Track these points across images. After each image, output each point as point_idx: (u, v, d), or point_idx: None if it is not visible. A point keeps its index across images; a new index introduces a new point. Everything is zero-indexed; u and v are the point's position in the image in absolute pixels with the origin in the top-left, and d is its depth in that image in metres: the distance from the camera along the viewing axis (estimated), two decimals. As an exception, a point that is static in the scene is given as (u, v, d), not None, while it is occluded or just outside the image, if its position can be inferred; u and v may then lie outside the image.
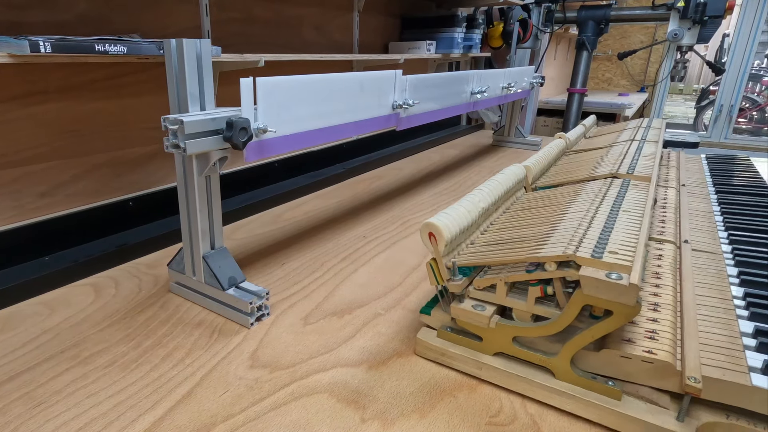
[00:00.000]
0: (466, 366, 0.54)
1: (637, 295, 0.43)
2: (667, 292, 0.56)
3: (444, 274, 0.53)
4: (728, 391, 0.43)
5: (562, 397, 0.49)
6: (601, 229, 0.53)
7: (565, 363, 0.48)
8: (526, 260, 0.50)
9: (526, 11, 2.00)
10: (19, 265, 0.74)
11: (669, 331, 0.49)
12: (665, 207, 0.87)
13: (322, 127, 0.70)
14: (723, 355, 0.46)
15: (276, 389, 0.51)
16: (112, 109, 0.87)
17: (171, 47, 0.56)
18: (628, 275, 0.43)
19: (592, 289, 0.44)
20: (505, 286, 0.51)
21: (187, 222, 0.64)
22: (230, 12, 1.06)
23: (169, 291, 0.71)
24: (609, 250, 0.47)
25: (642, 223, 0.56)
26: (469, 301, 0.54)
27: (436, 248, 0.53)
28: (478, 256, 0.55)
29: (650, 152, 0.95)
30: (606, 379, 0.47)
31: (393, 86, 0.84)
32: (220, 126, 0.57)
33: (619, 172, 0.80)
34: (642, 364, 0.46)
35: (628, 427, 0.45)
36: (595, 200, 0.65)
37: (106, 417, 0.47)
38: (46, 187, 0.80)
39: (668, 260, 0.64)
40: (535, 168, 0.81)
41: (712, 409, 0.45)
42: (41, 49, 0.62)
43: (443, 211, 0.56)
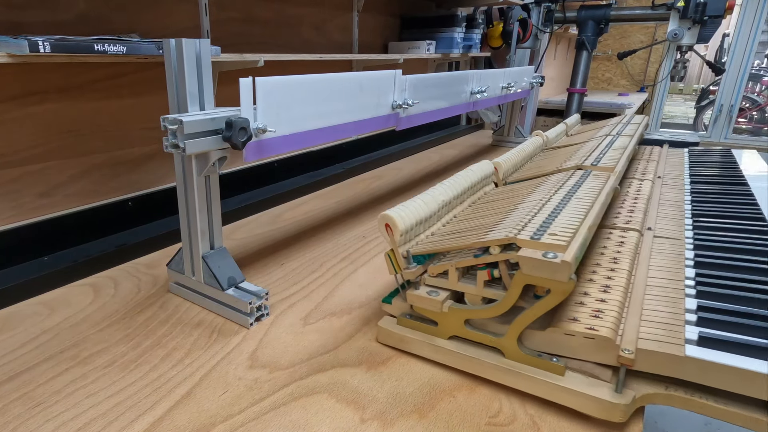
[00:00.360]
0: (423, 350, 0.56)
1: (570, 272, 0.45)
2: (621, 275, 0.59)
3: (401, 263, 0.56)
4: (663, 363, 0.45)
5: (510, 375, 0.51)
6: (548, 214, 0.56)
7: (513, 342, 0.51)
8: (472, 245, 0.52)
9: (525, 11, 2.00)
10: (19, 265, 0.73)
11: (615, 310, 0.51)
12: (637, 198, 0.90)
13: (321, 127, 0.70)
14: (664, 330, 0.49)
15: (275, 389, 0.51)
16: (111, 109, 0.87)
17: (170, 47, 0.56)
18: (563, 254, 0.45)
19: (530, 268, 0.46)
20: (457, 272, 0.53)
21: (186, 222, 0.64)
22: (229, 12, 1.06)
23: (169, 291, 0.71)
24: (549, 232, 0.50)
25: (591, 208, 0.58)
26: (425, 287, 0.56)
27: (392, 238, 0.55)
28: (431, 245, 0.57)
29: (621, 146, 0.97)
30: (551, 356, 0.50)
31: (392, 86, 0.84)
32: (219, 126, 0.56)
33: (584, 164, 0.82)
34: (584, 341, 0.48)
35: (570, 400, 0.47)
36: (552, 190, 0.67)
37: (106, 417, 0.47)
38: (45, 187, 0.80)
39: (629, 246, 0.67)
40: (505, 164, 0.84)
41: (652, 382, 0.47)
42: (40, 48, 0.62)
43: (402, 203, 0.58)
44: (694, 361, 0.44)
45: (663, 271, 0.62)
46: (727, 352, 0.45)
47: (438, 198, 0.63)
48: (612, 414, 0.45)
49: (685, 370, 0.45)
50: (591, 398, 0.46)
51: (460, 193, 0.69)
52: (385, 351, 0.58)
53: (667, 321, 0.50)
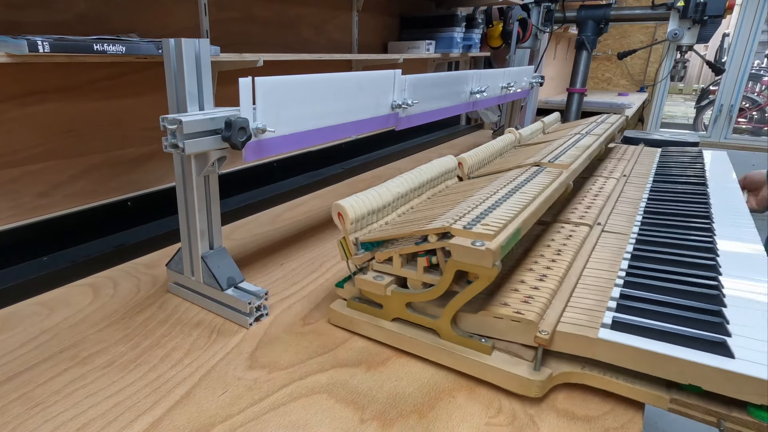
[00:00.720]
0: (369, 331, 0.60)
1: (495, 259, 0.48)
2: (561, 266, 0.64)
3: (351, 250, 0.60)
4: (579, 344, 0.49)
5: (442, 354, 0.55)
6: (488, 206, 0.60)
7: (447, 324, 0.55)
8: (413, 234, 0.56)
9: (525, 11, 2.00)
10: (18, 265, 0.73)
11: (545, 297, 0.56)
12: (598, 195, 0.94)
13: (321, 126, 0.70)
14: (585, 315, 0.52)
15: (275, 390, 0.51)
16: (110, 108, 0.87)
17: (170, 47, 0.56)
18: (489, 243, 0.49)
19: (460, 255, 0.50)
20: (401, 259, 0.57)
21: (185, 222, 0.64)
22: (229, 11, 1.06)
23: (168, 291, 0.70)
24: (482, 223, 0.53)
25: (530, 202, 0.62)
26: (372, 273, 0.60)
27: (344, 226, 0.59)
28: (379, 233, 0.61)
29: (584, 144, 1.00)
30: (481, 337, 0.54)
31: (392, 86, 0.84)
32: (218, 126, 0.56)
33: (541, 161, 0.85)
34: (511, 323, 0.52)
35: (494, 377, 0.52)
36: (503, 184, 0.71)
37: (105, 417, 0.47)
38: (45, 187, 0.80)
39: (577, 240, 0.72)
40: (471, 159, 0.87)
41: (571, 362, 0.52)
42: (39, 48, 0.62)
43: (357, 194, 0.62)
44: (605, 343, 0.48)
45: (602, 263, 0.66)
46: (635, 335, 0.48)
47: (393, 190, 0.67)
48: (529, 389, 0.49)
49: (597, 351, 0.49)
50: (511, 375, 0.50)
51: (417, 186, 0.72)
52: (385, 351, 0.58)
53: (590, 307, 0.54)
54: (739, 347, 0.46)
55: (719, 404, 0.45)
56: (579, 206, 0.88)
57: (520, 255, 0.68)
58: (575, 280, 0.61)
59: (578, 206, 0.88)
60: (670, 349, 0.46)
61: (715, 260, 0.64)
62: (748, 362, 0.43)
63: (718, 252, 0.68)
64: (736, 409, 0.44)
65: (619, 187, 1.00)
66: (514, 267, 0.64)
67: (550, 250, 0.69)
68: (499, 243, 0.49)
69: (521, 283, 0.59)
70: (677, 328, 0.48)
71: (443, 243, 0.52)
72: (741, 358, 0.44)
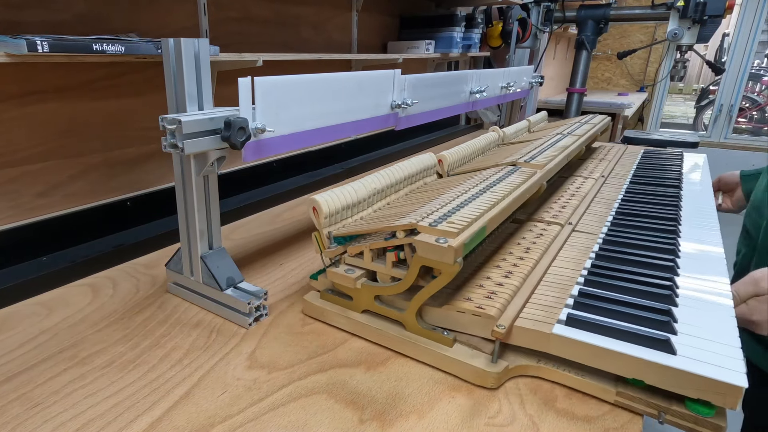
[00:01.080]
0: (339, 322, 0.62)
1: (456, 256, 0.50)
2: (528, 263, 0.66)
3: (325, 243, 0.62)
4: (534, 339, 0.52)
5: (408, 346, 0.57)
6: (457, 204, 0.62)
7: (412, 316, 0.57)
8: (382, 230, 0.58)
9: (525, 10, 2.00)
10: (17, 265, 0.73)
11: (508, 293, 0.58)
12: (574, 195, 0.96)
13: (320, 126, 0.70)
14: (543, 312, 0.55)
15: (274, 390, 0.51)
16: (110, 108, 0.86)
17: (169, 47, 0.56)
18: (452, 240, 0.51)
19: (424, 251, 0.52)
20: (371, 253, 0.59)
21: (185, 222, 0.64)
22: (228, 11, 1.06)
23: (167, 291, 0.70)
24: (449, 220, 0.55)
25: (499, 201, 0.64)
26: (344, 266, 0.62)
27: (318, 220, 0.62)
28: (352, 228, 0.63)
29: (564, 145, 1.02)
30: (444, 330, 0.56)
31: (392, 86, 0.84)
32: (218, 126, 0.56)
33: (518, 160, 0.86)
34: (473, 317, 0.54)
35: (454, 368, 0.54)
36: (476, 183, 0.72)
37: (104, 418, 0.47)
38: (44, 187, 0.79)
39: (547, 239, 0.74)
40: (451, 157, 0.88)
41: (528, 356, 0.54)
42: (39, 48, 0.62)
43: (333, 189, 0.64)
44: (558, 338, 0.50)
45: (567, 261, 0.68)
46: (587, 331, 0.50)
47: (369, 186, 0.69)
48: (485, 380, 0.52)
49: (551, 345, 0.51)
50: (469, 366, 0.52)
51: (394, 183, 0.74)
52: (384, 351, 0.58)
53: (550, 304, 0.56)
54: (682, 345, 0.48)
55: (661, 398, 0.47)
56: (554, 206, 0.90)
57: (490, 252, 0.70)
58: (539, 278, 0.63)
59: (553, 206, 0.90)
60: (616, 344, 0.48)
61: (674, 261, 0.66)
62: (688, 359, 0.46)
63: (679, 254, 0.70)
64: (675, 403, 0.46)
65: (596, 188, 1.02)
66: (483, 264, 0.66)
67: (520, 248, 0.71)
68: (462, 241, 0.51)
69: (487, 279, 0.61)
70: (626, 325, 0.51)
71: (410, 239, 0.54)
72: (682, 354, 0.46)
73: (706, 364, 0.45)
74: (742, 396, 0.43)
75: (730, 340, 0.49)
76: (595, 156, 1.33)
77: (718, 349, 0.47)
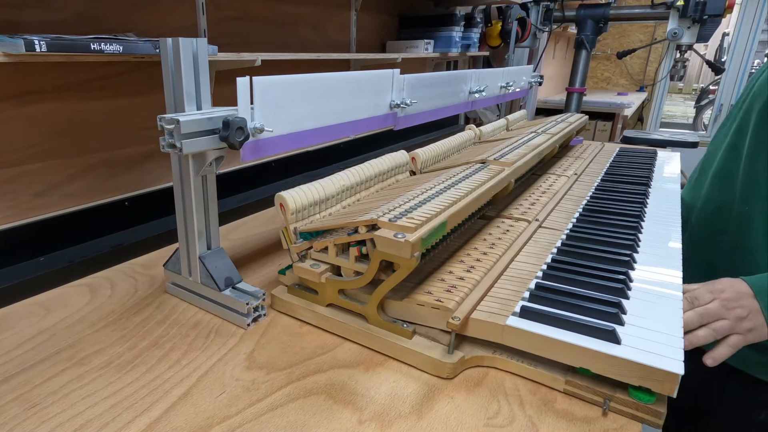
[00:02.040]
0: (305, 315, 0.63)
1: (414, 250, 0.51)
2: (491, 258, 0.67)
3: (292, 239, 0.63)
4: (488, 330, 0.54)
5: (370, 338, 0.58)
6: (420, 200, 0.63)
7: (373, 310, 0.58)
8: (346, 225, 0.59)
9: (524, 10, 2.00)
10: (15, 265, 0.73)
11: (468, 287, 0.59)
12: (545, 192, 0.98)
13: (319, 126, 0.70)
14: (500, 304, 0.56)
15: (273, 390, 0.51)
16: (108, 108, 0.86)
17: (167, 46, 0.56)
18: (409, 235, 0.52)
19: (383, 246, 0.53)
20: (336, 248, 0.60)
21: (183, 222, 0.64)
22: (226, 11, 1.05)
23: (165, 292, 0.70)
24: (409, 216, 0.57)
25: (462, 198, 0.65)
26: (310, 261, 0.63)
27: (285, 216, 0.63)
28: (319, 223, 0.64)
29: (535, 143, 1.04)
30: (404, 323, 0.57)
31: (391, 85, 0.84)
32: (216, 126, 0.56)
33: (488, 158, 0.88)
34: (432, 310, 0.56)
35: (412, 359, 0.55)
36: (443, 180, 0.73)
37: (102, 418, 0.46)
38: (42, 187, 0.79)
39: (513, 235, 0.76)
40: (424, 155, 0.90)
41: (484, 347, 0.55)
42: (36, 48, 0.62)
43: (301, 186, 0.65)
44: (511, 330, 0.52)
45: (529, 256, 0.69)
46: (539, 323, 0.52)
47: (338, 183, 0.70)
48: (441, 371, 0.53)
49: (504, 336, 0.53)
50: (427, 357, 0.54)
51: (365, 180, 0.75)
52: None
53: (507, 297, 0.58)
54: (627, 335, 0.50)
55: (607, 386, 0.49)
56: (524, 203, 0.92)
57: (456, 247, 0.71)
58: (500, 272, 0.64)
59: (524, 203, 0.92)
60: (565, 335, 0.50)
61: (631, 256, 0.67)
62: (631, 348, 0.48)
63: (637, 249, 0.71)
64: (620, 391, 0.48)
65: (567, 185, 1.03)
66: (447, 258, 0.67)
67: (486, 243, 0.72)
68: (419, 236, 0.52)
69: (449, 273, 0.63)
70: (576, 316, 0.52)
71: (371, 234, 0.55)
72: (626, 344, 0.48)
73: (647, 352, 0.47)
74: (678, 382, 0.45)
75: (673, 330, 0.51)
76: (571, 154, 1.34)
77: (660, 338, 0.49)
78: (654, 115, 4.09)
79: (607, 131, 3.28)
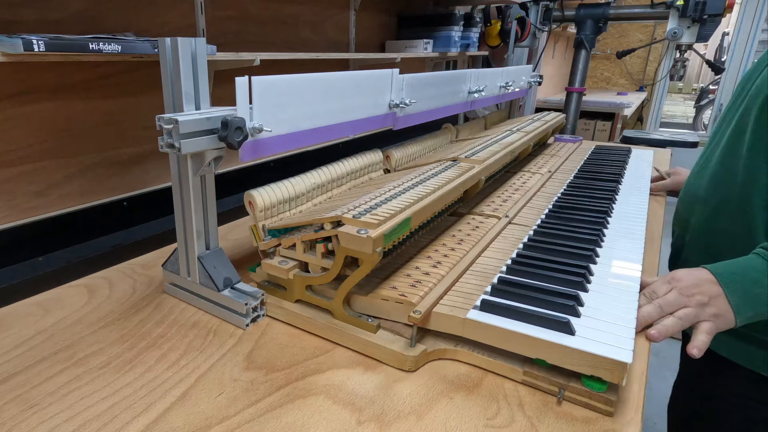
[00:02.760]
0: (275, 312, 0.64)
1: (376, 246, 0.52)
2: (458, 254, 0.68)
3: (260, 236, 0.64)
4: (449, 323, 0.55)
5: (335, 333, 0.59)
6: (386, 197, 0.64)
7: (339, 305, 0.59)
8: (312, 222, 0.60)
9: (523, 9, 2.00)
10: (13, 265, 0.73)
11: (433, 282, 0.60)
12: (518, 189, 0.99)
13: (318, 126, 0.70)
14: (463, 299, 0.57)
15: (272, 391, 0.51)
16: (106, 108, 0.86)
17: (166, 46, 0.56)
18: (372, 231, 0.53)
19: (347, 242, 0.54)
20: (303, 245, 0.61)
21: (181, 222, 0.63)
22: (225, 10, 1.05)
23: (164, 292, 0.70)
24: (373, 213, 0.57)
25: (429, 195, 0.66)
26: (278, 257, 0.64)
27: (254, 214, 0.64)
28: (284, 221, 0.65)
29: (508, 141, 1.05)
30: (369, 317, 0.58)
31: (390, 85, 0.84)
32: (215, 125, 0.56)
33: (459, 156, 0.89)
34: (395, 305, 0.57)
35: (376, 353, 0.56)
36: (412, 177, 0.74)
37: (100, 419, 0.46)
38: (40, 187, 0.79)
39: (482, 231, 0.77)
40: (398, 153, 0.92)
41: (447, 340, 0.57)
42: (35, 47, 0.61)
43: (270, 184, 0.66)
44: (471, 322, 0.53)
45: (496, 251, 0.70)
46: (498, 315, 0.53)
47: (308, 181, 0.71)
48: (403, 363, 0.54)
49: (465, 329, 0.54)
50: (389, 351, 0.54)
51: (337, 178, 0.76)
52: (382, 352, 0.58)
53: (471, 291, 0.59)
54: (582, 326, 0.51)
55: (562, 376, 0.50)
56: (497, 199, 0.93)
57: (425, 243, 0.72)
58: (466, 267, 0.65)
59: (496, 199, 0.93)
60: (521, 327, 0.51)
61: (594, 251, 0.69)
62: (584, 339, 0.49)
63: (601, 243, 0.73)
64: (574, 380, 0.49)
65: (540, 183, 1.04)
66: (415, 254, 0.68)
67: (454, 240, 0.73)
68: (381, 231, 0.53)
69: (416, 269, 0.64)
70: (534, 309, 0.54)
71: (335, 231, 0.56)
72: (579, 335, 0.50)
73: (598, 343, 0.48)
74: (626, 372, 0.46)
75: (627, 321, 0.52)
76: (548, 152, 1.36)
77: (612, 329, 0.51)
78: (654, 114, 4.09)
79: (607, 131, 3.28)
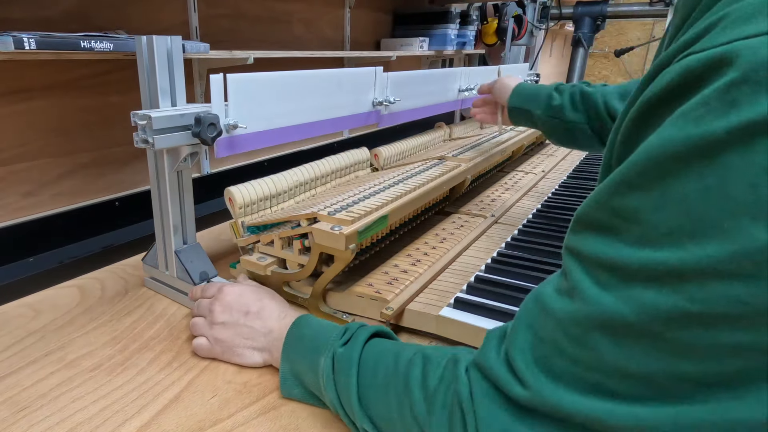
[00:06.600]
0: None
1: (348, 243, 0.52)
2: (439, 252, 0.69)
3: (240, 232, 0.65)
4: (422, 320, 0.56)
5: None
6: (366, 194, 0.64)
7: (314, 301, 0.60)
8: (290, 219, 0.61)
9: (520, 7, 1.99)
10: (3, 266, 0.72)
11: (410, 279, 0.61)
12: (509, 189, 1.00)
13: (296, 123, 0.70)
14: (438, 296, 0.58)
15: (265, 393, 0.50)
16: (98, 106, 0.85)
17: (142, 44, 0.56)
18: (345, 227, 0.54)
19: (321, 239, 0.55)
20: (281, 241, 0.62)
21: (159, 217, 0.64)
22: (218, 8, 1.04)
23: (143, 285, 0.70)
24: (349, 210, 0.58)
25: (409, 192, 0.66)
26: (257, 254, 0.65)
27: (233, 210, 0.64)
28: (265, 218, 0.65)
29: (499, 140, 1.05)
30: (343, 314, 0.59)
31: (373, 83, 0.83)
32: (189, 122, 0.56)
33: (446, 155, 0.89)
34: (370, 301, 0.58)
35: None
36: (396, 175, 0.75)
37: (92, 422, 0.46)
38: (31, 187, 0.78)
39: (466, 230, 0.77)
40: (386, 152, 0.92)
41: (422, 337, 0.57)
42: (25, 45, 0.61)
43: (251, 181, 0.66)
44: (443, 319, 0.54)
45: (478, 250, 0.71)
46: (471, 313, 0.54)
47: (290, 178, 0.71)
48: None
49: (438, 326, 0.55)
50: None
51: (321, 176, 0.77)
52: (376, 352, 0.57)
53: (447, 289, 0.59)
54: None
55: None
56: (486, 199, 0.93)
57: (407, 242, 0.72)
58: (445, 265, 0.65)
59: (485, 198, 0.93)
60: (493, 324, 0.52)
61: None
62: None
63: None
64: None
65: (533, 182, 1.05)
66: (396, 252, 0.68)
67: (437, 238, 0.74)
68: (355, 228, 0.54)
69: (394, 267, 0.64)
70: (508, 307, 0.54)
71: (310, 228, 0.56)
72: None
73: None
74: None
75: None
76: (544, 152, 1.36)
77: None
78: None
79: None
